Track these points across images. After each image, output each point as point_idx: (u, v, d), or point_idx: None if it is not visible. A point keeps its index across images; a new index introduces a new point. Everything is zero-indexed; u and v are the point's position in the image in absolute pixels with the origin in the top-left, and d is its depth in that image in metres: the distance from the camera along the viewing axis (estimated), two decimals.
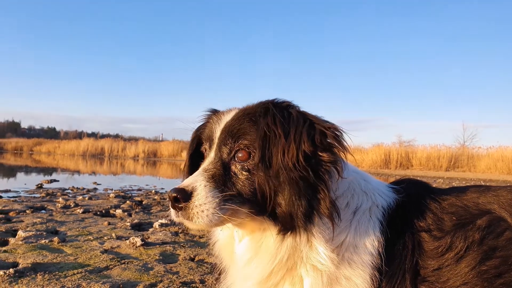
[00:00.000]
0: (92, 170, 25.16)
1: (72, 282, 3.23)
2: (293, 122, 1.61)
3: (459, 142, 42.11)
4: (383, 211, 1.71)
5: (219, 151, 1.72)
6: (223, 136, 1.73)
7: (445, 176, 28.27)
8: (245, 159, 1.65)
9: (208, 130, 1.86)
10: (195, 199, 1.56)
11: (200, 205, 1.55)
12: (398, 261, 1.61)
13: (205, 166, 1.70)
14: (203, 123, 2.01)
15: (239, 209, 1.59)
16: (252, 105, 1.83)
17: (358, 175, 1.86)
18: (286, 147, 1.54)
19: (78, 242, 4.77)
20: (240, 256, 1.76)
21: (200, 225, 1.57)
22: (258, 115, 1.69)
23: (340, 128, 1.65)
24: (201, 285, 3.37)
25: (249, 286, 1.72)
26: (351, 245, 1.64)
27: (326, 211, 1.53)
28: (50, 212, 7.21)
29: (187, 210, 1.56)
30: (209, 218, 1.55)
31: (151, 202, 9.27)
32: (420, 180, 1.97)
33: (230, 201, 1.58)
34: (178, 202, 1.58)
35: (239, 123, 1.72)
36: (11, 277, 3.25)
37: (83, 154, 54.51)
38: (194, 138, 2.02)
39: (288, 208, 1.53)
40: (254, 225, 1.68)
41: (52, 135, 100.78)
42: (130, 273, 3.59)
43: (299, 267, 1.65)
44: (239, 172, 1.65)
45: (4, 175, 19.04)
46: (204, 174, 1.64)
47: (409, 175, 26.93)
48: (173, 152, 51.52)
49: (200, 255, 4.35)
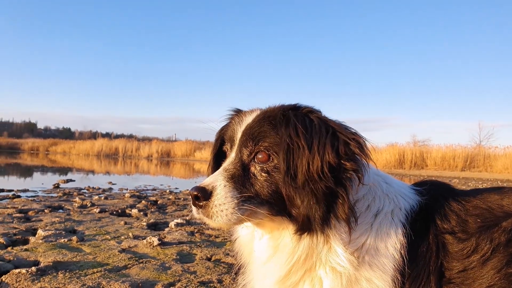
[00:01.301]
0: (106, 170, 25.46)
1: (93, 281, 3.28)
2: (315, 132, 1.62)
3: (475, 142, 41.52)
4: (406, 214, 1.71)
5: (239, 152, 1.76)
6: (244, 138, 1.76)
7: (460, 176, 27.90)
8: (264, 161, 1.68)
9: (230, 131, 1.90)
10: (214, 198, 1.61)
11: (220, 205, 1.60)
12: (422, 263, 1.60)
13: (225, 166, 1.75)
14: (227, 124, 2.04)
15: (257, 210, 1.63)
16: (273, 107, 1.85)
17: (380, 178, 1.86)
18: (310, 159, 1.56)
19: (96, 241, 4.84)
20: (259, 254, 1.80)
21: (219, 224, 1.63)
22: (278, 121, 1.71)
23: (363, 137, 1.67)
24: (219, 285, 3.39)
25: (268, 284, 1.74)
26: (372, 248, 1.64)
27: (343, 215, 1.55)
28: (67, 211, 7.32)
29: (207, 208, 1.62)
30: (228, 218, 1.60)
31: (166, 202, 9.34)
32: (442, 181, 1.95)
33: (248, 202, 1.62)
34: (198, 200, 1.63)
35: (260, 125, 1.75)
36: (34, 275, 3.32)
37: (98, 154, 55.19)
38: (218, 139, 2.06)
39: (306, 211, 1.55)
40: (273, 224, 1.71)
41: (67, 136, 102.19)
42: (148, 272, 3.63)
43: (318, 268, 1.67)
44: (258, 173, 1.68)
45: (21, 174, 19.40)
46: (224, 174, 1.69)
47: (423, 175, 26.68)
48: (186, 152, 51.84)
49: (217, 255, 4.37)
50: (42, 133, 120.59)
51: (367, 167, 1.68)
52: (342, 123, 1.72)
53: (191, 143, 54.04)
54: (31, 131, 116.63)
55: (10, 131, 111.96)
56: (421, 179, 1.99)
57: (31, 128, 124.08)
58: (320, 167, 1.53)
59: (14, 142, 70.02)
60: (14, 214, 6.63)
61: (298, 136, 1.60)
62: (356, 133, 1.68)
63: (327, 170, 1.54)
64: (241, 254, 1.97)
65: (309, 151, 1.56)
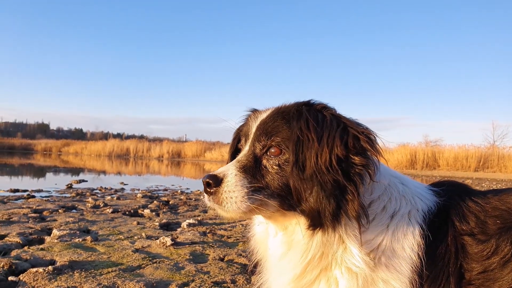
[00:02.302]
0: (118, 170, 25.70)
1: (108, 280, 3.32)
2: (326, 125, 1.63)
3: (488, 142, 41.00)
4: (423, 215, 1.70)
5: (253, 145, 1.80)
6: (258, 132, 1.80)
7: (473, 176, 27.56)
8: (276, 155, 1.71)
9: (246, 127, 1.95)
10: (225, 185, 1.66)
11: (229, 191, 1.64)
12: (441, 264, 1.59)
13: (238, 158, 1.79)
14: (243, 123, 2.08)
15: (268, 201, 1.65)
16: (287, 104, 1.88)
17: (396, 179, 1.85)
18: (319, 151, 1.57)
19: (109, 241, 4.89)
20: (273, 251, 1.81)
21: (229, 211, 1.66)
22: (291, 116, 1.74)
23: (374, 132, 1.67)
24: (232, 285, 3.40)
25: (283, 282, 1.75)
26: (388, 249, 1.64)
27: (353, 212, 1.55)
28: (81, 211, 7.41)
29: (218, 194, 1.66)
30: (237, 205, 1.63)
31: (178, 202, 9.40)
32: (460, 182, 1.94)
33: (259, 192, 1.65)
34: (209, 186, 1.67)
35: (273, 121, 1.79)
36: (50, 274, 3.37)
37: (109, 154, 55.73)
38: (235, 137, 2.10)
39: (316, 205, 1.56)
40: (285, 219, 1.73)
41: (79, 136, 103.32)
42: (162, 272, 3.66)
43: (334, 268, 1.67)
44: (270, 166, 1.71)
45: (35, 175, 19.67)
46: (236, 164, 1.73)
47: (435, 176, 26.38)
48: (197, 153, 52.09)
49: (229, 255, 4.39)
50: (55, 134, 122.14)
51: (378, 163, 1.68)
52: (355, 120, 1.73)
53: (201, 143, 54.31)
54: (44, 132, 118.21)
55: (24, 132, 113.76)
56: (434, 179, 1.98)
57: (44, 129, 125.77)
58: (328, 160, 1.55)
59: (28, 143, 71.01)
60: (30, 214, 6.73)
61: (308, 129, 1.63)
62: (367, 128, 1.68)
63: (335, 163, 1.55)
64: (256, 251, 1.99)
65: (318, 143, 1.58)
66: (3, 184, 12.46)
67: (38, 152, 61.40)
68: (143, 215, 7.39)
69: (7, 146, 68.89)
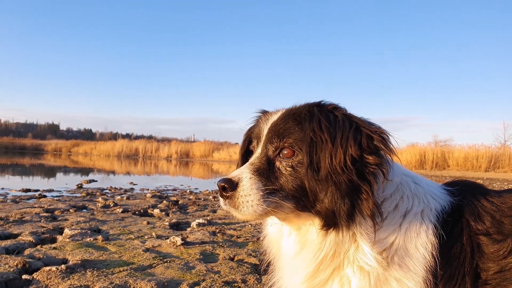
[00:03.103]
0: (127, 170, 25.86)
1: (120, 279, 3.34)
2: (339, 126, 1.63)
3: (499, 142, 40.42)
4: (436, 214, 1.69)
5: (265, 147, 1.80)
6: (270, 134, 1.80)
7: (484, 177, 27.26)
8: (289, 156, 1.71)
9: (257, 129, 1.94)
10: (240, 189, 1.65)
11: (245, 195, 1.64)
12: (456, 264, 1.58)
13: (251, 161, 1.79)
14: (254, 124, 2.08)
15: (283, 203, 1.65)
16: (298, 106, 1.88)
17: (408, 178, 1.84)
18: (333, 152, 1.57)
19: (120, 240, 4.93)
20: (286, 250, 1.81)
21: (245, 215, 1.65)
22: (303, 117, 1.73)
23: (387, 131, 1.67)
24: (243, 285, 3.41)
25: (296, 282, 1.75)
26: (401, 248, 1.63)
27: (368, 211, 1.55)
28: (91, 211, 7.48)
29: (234, 199, 1.66)
30: (254, 209, 1.63)
31: (187, 202, 9.44)
32: (475, 182, 1.92)
33: (273, 195, 1.65)
34: (225, 191, 1.67)
35: (285, 122, 1.78)
36: (63, 272, 3.41)
37: (118, 154, 56.10)
38: (246, 139, 2.09)
39: (331, 206, 1.57)
40: (299, 220, 1.73)
41: (88, 137, 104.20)
42: (173, 271, 3.68)
43: (346, 267, 1.67)
44: (283, 168, 1.71)
45: (46, 175, 19.89)
46: (250, 168, 1.73)
47: (445, 176, 26.16)
48: (205, 153, 52.22)
49: (239, 255, 4.39)
50: (65, 134, 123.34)
51: (392, 162, 1.68)
52: (367, 119, 1.73)
53: (209, 143, 54.45)
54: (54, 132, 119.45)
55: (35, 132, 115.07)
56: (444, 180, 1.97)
57: (54, 129, 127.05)
58: (342, 160, 1.55)
59: (38, 143, 71.88)
60: (41, 213, 6.81)
61: (321, 130, 1.62)
62: (380, 127, 1.68)
63: (349, 163, 1.55)
64: (269, 251, 1.99)
65: (332, 144, 1.58)
66: (15, 184, 12.62)
67: (48, 152, 62.05)
68: (153, 215, 7.43)
69: (19, 146, 69.82)
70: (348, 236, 1.62)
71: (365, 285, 1.61)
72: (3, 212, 6.74)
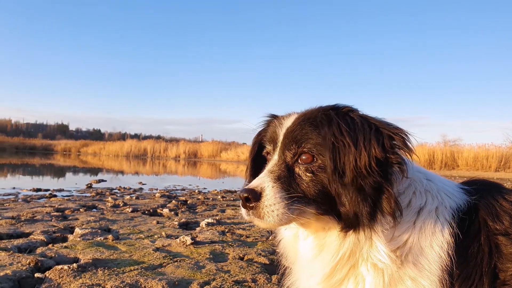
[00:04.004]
0: (136, 170, 26.02)
1: (131, 278, 3.36)
2: (359, 129, 1.64)
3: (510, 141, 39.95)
4: (452, 212, 1.67)
5: (282, 154, 1.78)
6: (287, 140, 1.78)
7: (494, 177, 26.94)
8: (308, 162, 1.69)
9: (270, 135, 1.91)
10: (264, 199, 1.63)
11: (270, 205, 1.62)
12: (473, 264, 1.56)
13: (270, 168, 1.76)
14: (264, 128, 2.06)
15: (306, 209, 1.64)
16: (312, 109, 1.87)
17: (420, 174, 1.83)
18: (357, 155, 1.57)
19: (130, 240, 4.95)
20: (304, 254, 1.81)
21: (270, 224, 1.64)
22: (320, 122, 1.72)
23: (406, 131, 1.68)
24: (253, 284, 3.41)
25: (313, 283, 1.75)
26: (415, 246, 1.62)
27: (389, 209, 1.56)
28: (101, 211, 7.52)
29: (258, 209, 1.63)
30: (279, 217, 1.61)
31: (196, 202, 9.46)
32: (493, 181, 1.90)
33: (297, 202, 1.63)
34: (249, 201, 1.65)
35: (301, 128, 1.76)
36: (75, 271, 3.43)
37: (127, 155, 56.42)
38: (256, 143, 2.07)
39: (353, 208, 1.57)
40: (318, 224, 1.72)
41: (97, 137, 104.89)
42: (183, 271, 3.69)
43: (361, 265, 1.67)
44: (303, 174, 1.69)
45: (56, 175, 20.07)
46: (270, 176, 1.70)
47: (455, 176, 25.92)
48: (213, 153, 52.33)
49: (249, 254, 4.39)
50: (74, 135, 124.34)
51: (410, 160, 1.69)
52: (383, 120, 1.73)
53: (217, 143, 54.56)
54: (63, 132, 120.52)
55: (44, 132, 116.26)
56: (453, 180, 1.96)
57: (63, 129, 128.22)
58: (367, 162, 1.55)
59: (48, 144, 72.53)
60: (52, 212, 6.87)
61: (342, 134, 1.62)
62: (399, 127, 1.69)
63: (374, 165, 1.56)
64: (285, 255, 1.98)
65: (355, 147, 1.58)
66: (26, 184, 12.75)
67: (58, 152, 62.61)
68: (162, 215, 7.46)
69: (29, 146, 70.55)
70: (367, 235, 1.62)
71: (379, 283, 1.61)
72: (14, 211, 6.81)
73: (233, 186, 15.11)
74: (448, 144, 37.71)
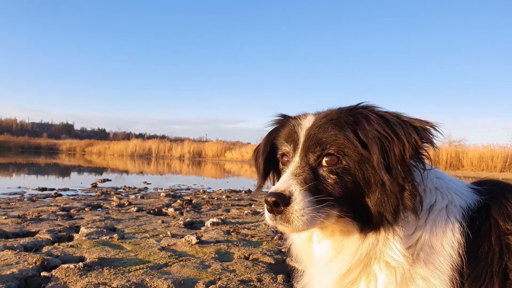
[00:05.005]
0: (140, 170, 26.07)
1: (136, 277, 3.36)
2: (394, 123, 1.65)
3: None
4: (462, 212, 1.66)
5: (305, 156, 1.74)
6: (310, 142, 1.74)
7: (499, 177, 26.75)
8: (333, 164, 1.68)
9: (288, 135, 1.87)
10: (294, 204, 1.58)
11: (300, 210, 1.57)
12: (483, 264, 1.55)
13: (293, 171, 1.72)
14: (276, 128, 2.03)
15: (331, 211, 1.63)
16: (332, 111, 1.84)
17: (430, 171, 1.81)
18: (401, 148, 1.58)
19: (136, 239, 4.96)
20: (320, 256, 1.79)
21: (299, 229, 1.60)
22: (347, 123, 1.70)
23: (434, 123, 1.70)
24: (259, 284, 3.40)
25: (327, 284, 1.74)
26: (426, 245, 1.62)
27: (411, 205, 1.57)
28: (106, 210, 7.54)
29: (287, 214, 1.58)
30: (309, 222, 1.57)
31: (200, 201, 9.46)
32: (505, 181, 1.88)
33: (324, 205, 1.61)
34: (278, 206, 1.59)
35: (324, 129, 1.73)
36: (81, 270, 3.44)
37: (132, 154, 56.55)
38: (267, 143, 2.03)
39: (377, 207, 1.59)
40: (335, 226, 1.70)
41: (102, 136, 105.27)
42: (189, 270, 3.69)
43: (373, 263, 1.66)
44: (327, 176, 1.67)
45: (61, 174, 20.15)
46: (295, 179, 1.66)
47: (459, 176, 25.78)
48: (217, 152, 52.33)
49: (254, 254, 4.38)
50: (79, 134, 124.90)
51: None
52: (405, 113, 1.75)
53: (221, 143, 54.56)
54: (68, 132, 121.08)
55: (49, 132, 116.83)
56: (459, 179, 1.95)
57: (68, 129, 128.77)
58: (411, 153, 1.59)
59: (53, 143, 72.91)
60: (58, 212, 6.90)
61: (384, 129, 1.62)
62: (427, 121, 1.70)
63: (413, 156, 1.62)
64: (298, 258, 1.97)
65: (398, 140, 1.59)
66: (32, 183, 12.81)
67: (63, 152, 62.89)
68: (167, 214, 7.47)
69: (34, 146, 70.94)
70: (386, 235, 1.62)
71: (392, 281, 1.60)
72: (20, 210, 6.84)
73: (237, 185, 15.11)
74: (453, 144, 37.48)
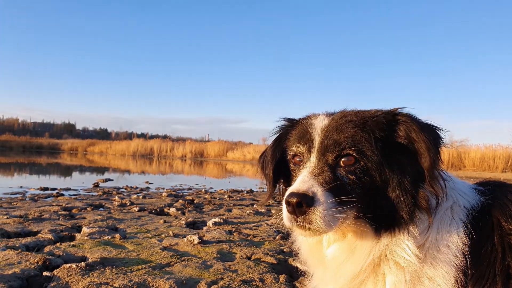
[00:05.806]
0: (142, 169, 26.10)
1: (138, 277, 3.36)
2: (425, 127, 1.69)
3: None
4: (466, 212, 1.67)
5: (323, 156, 1.72)
6: (328, 142, 1.73)
7: (501, 177, 26.71)
8: (351, 164, 1.67)
9: (302, 136, 1.86)
10: (318, 204, 1.54)
11: (323, 211, 1.53)
12: (486, 264, 1.55)
13: (311, 171, 1.69)
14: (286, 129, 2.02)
15: (350, 212, 1.62)
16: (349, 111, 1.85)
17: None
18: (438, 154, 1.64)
19: (138, 239, 4.96)
20: (332, 260, 1.77)
21: (321, 231, 1.56)
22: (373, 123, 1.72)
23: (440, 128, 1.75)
24: (261, 284, 3.40)
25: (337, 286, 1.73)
26: (433, 245, 1.62)
27: (426, 204, 1.59)
28: (108, 210, 7.55)
29: (310, 215, 1.54)
30: (332, 223, 1.55)
31: (202, 201, 9.46)
32: (506, 182, 1.88)
33: (344, 206, 1.59)
34: (301, 207, 1.54)
35: (342, 129, 1.73)
36: (83, 270, 3.44)
37: (133, 154, 56.58)
38: (278, 145, 2.02)
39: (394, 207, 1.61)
40: (349, 227, 1.69)
41: (104, 136, 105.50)
42: (191, 270, 3.69)
43: (383, 263, 1.66)
44: (346, 176, 1.66)
45: (63, 174, 20.19)
46: (316, 179, 1.64)
47: (461, 176, 25.70)
48: (219, 152, 52.35)
49: (256, 254, 4.38)
50: (81, 134, 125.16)
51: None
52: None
53: (223, 143, 54.58)
54: (70, 131, 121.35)
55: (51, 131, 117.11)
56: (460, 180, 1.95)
57: (70, 129, 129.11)
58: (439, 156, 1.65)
59: (55, 143, 73.02)
60: (60, 211, 6.91)
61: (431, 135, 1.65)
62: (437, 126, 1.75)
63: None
64: (307, 261, 1.95)
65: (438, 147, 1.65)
66: (34, 183, 12.83)
67: (64, 152, 62.97)
68: (169, 214, 7.47)
69: (36, 145, 71.07)
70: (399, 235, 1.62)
71: (401, 282, 1.60)
72: (22, 210, 6.86)
73: (239, 185, 15.11)
74: (454, 144, 37.41)
